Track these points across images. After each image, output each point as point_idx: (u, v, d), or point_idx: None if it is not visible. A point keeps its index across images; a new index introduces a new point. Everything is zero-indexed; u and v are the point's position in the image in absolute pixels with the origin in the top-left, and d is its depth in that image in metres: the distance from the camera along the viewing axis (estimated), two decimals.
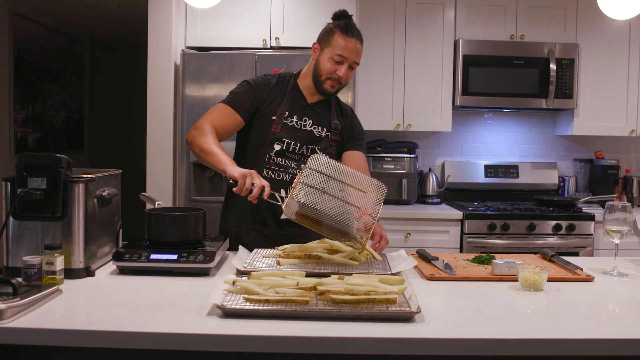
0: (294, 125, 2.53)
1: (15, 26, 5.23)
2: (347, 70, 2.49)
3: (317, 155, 2.18)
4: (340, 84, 2.52)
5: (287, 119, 2.52)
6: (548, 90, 4.26)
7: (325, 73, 2.49)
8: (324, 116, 2.59)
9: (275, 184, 2.45)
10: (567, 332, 1.57)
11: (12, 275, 1.80)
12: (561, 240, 4.01)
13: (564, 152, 4.84)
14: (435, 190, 4.53)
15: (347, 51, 2.45)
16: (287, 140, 2.51)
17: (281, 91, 2.56)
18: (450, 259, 2.30)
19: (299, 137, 2.52)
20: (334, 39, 2.47)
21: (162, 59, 3.94)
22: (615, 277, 2.13)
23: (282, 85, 2.58)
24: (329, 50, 2.48)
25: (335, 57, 2.46)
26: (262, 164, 2.51)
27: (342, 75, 2.48)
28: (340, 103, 2.70)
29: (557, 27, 4.36)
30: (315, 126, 2.56)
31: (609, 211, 2.16)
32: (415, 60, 4.34)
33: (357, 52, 2.48)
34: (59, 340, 1.47)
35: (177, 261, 1.97)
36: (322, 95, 2.56)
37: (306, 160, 2.46)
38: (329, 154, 2.52)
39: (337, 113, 2.63)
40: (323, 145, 2.55)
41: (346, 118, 2.66)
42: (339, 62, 2.46)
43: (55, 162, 1.91)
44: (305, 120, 2.55)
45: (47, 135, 5.93)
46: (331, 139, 2.58)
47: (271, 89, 2.56)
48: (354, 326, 1.51)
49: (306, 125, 2.55)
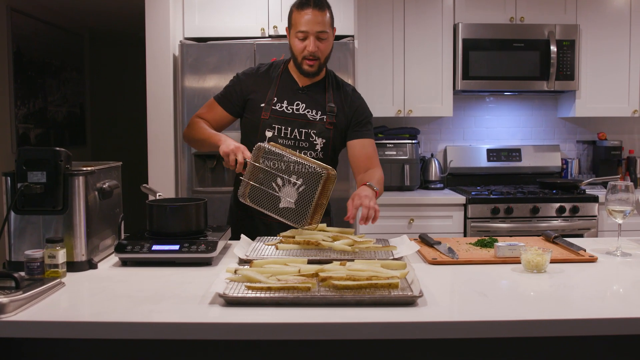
0: (284, 110, 2.49)
1: (14, 22, 5.22)
2: (317, 44, 2.41)
3: (258, 145, 2.25)
4: (318, 59, 2.44)
5: (275, 105, 2.49)
6: (549, 72, 4.24)
7: (297, 53, 2.45)
8: (318, 99, 2.53)
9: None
10: (571, 313, 1.56)
11: (15, 269, 1.81)
12: (565, 223, 4.00)
13: (567, 134, 4.82)
14: (437, 176, 4.52)
15: (305, 24, 2.38)
16: (278, 126, 2.48)
17: (270, 78, 2.54)
18: (453, 243, 2.30)
19: (289, 122, 2.48)
20: (292, 17, 2.44)
21: (161, 51, 3.93)
22: (619, 257, 2.13)
23: (272, 72, 2.56)
24: (292, 31, 2.45)
25: (298, 35, 2.41)
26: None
27: (312, 50, 2.40)
28: (340, 83, 2.62)
29: (557, 8, 4.33)
30: (309, 110, 2.51)
31: (612, 191, 2.16)
32: (415, 45, 4.32)
33: (316, 21, 2.39)
34: (62, 333, 1.48)
35: (179, 251, 1.97)
36: (307, 77, 2.50)
37: (300, 144, 2.48)
38: (325, 137, 2.50)
39: (335, 95, 2.56)
40: (318, 129, 2.50)
41: (346, 99, 2.57)
42: (304, 39, 2.41)
43: (54, 155, 1.90)
44: (298, 104, 2.50)
45: (48, 130, 5.93)
46: (327, 122, 2.51)
47: (258, 76, 2.55)
48: (357, 311, 1.51)
49: (299, 110, 2.50)
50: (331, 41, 2.48)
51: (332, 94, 2.55)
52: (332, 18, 2.47)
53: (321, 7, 2.41)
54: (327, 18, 2.42)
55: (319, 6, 2.40)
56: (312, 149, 2.50)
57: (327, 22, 2.43)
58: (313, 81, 2.54)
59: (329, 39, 2.46)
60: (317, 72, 2.49)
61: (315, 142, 2.50)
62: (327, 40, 2.44)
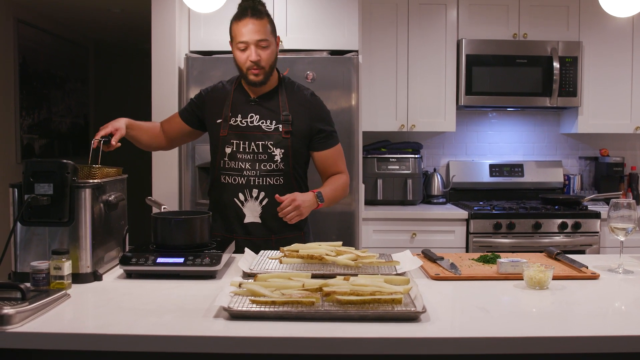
0: (238, 124, 2.49)
1: (20, 33, 5.26)
2: (258, 52, 2.40)
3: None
4: (262, 67, 2.43)
5: (231, 120, 2.50)
6: (552, 88, 4.26)
7: (241, 65, 2.45)
8: (271, 108, 2.51)
9: (232, 188, 2.50)
10: (573, 330, 1.57)
11: (21, 280, 1.82)
12: (567, 239, 4.01)
13: (569, 150, 4.83)
14: (440, 190, 4.53)
15: (243, 35, 2.39)
16: (236, 141, 2.49)
17: (225, 93, 2.57)
18: (456, 258, 2.31)
19: (246, 136, 2.48)
20: (232, 30, 2.46)
21: (166, 64, 3.96)
22: (621, 274, 2.13)
23: (227, 87, 2.59)
24: (233, 43, 2.47)
25: (239, 46, 2.42)
26: (219, 170, 2.54)
27: (254, 59, 2.40)
28: (297, 88, 2.59)
29: (560, 25, 4.36)
30: (263, 120, 2.49)
31: (614, 208, 2.16)
32: (419, 60, 4.34)
33: (254, 30, 2.39)
34: (67, 344, 1.49)
35: (183, 264, 1.99)
36: (255, 86, 2.49)
37: (259, 157, 2.49)
38: (284, 147, 2.48)
39: (290, 101, 2.52)
40: (275, 140, 2.48)
41: (304, 104, 2.54)
42: (244, 49, 2.41)
43: (61, 167, 1.92)
44: (252, 116, 2.50)
45: (52, 141, 5.96)
46: (283, 131, 2.48)
47: (214, 92, 2.60)
48: (360, 326, 1.52)
49: (253, 122, 2.49)
50: (274, 49, 2.47)
51: (286, 101, 2.52)
52: (272, 24, 2.47)
53: (259, 16, 2.40)
54: (266, 25, 2.42)
55: (256, 15, 2.40)
56: (272, 161, 2.49)
57: (267, 30, 2.43)
58: (265, 91, 2.53)
59: (271, 47, 2.45)
60: (264, 81, 2.47)
61: (274, 154, 2.49)
62: (268, 48, 2.43)
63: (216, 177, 2.56)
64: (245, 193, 2.49)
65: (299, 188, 2.55)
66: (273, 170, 2.49)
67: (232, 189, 2.51)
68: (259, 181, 2.48)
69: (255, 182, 2.48)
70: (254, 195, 2.49)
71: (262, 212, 2.50)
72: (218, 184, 2.56)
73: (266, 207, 2.49)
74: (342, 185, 2.58)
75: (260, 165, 2.49)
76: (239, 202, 2.50)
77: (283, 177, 2.51)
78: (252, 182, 2.48)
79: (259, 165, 2.48)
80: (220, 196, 2.56)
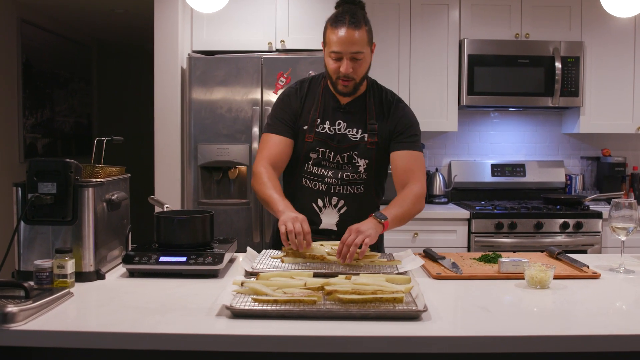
0: (326, 132, 2.38)
1: (24, 33, 5.28)
2: (351, 65, 2.25)
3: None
4: (353, 79, 2.29)
5: (319, 127, 2.38)
6: (554, 88, 4.26)
7: (331, 73, 2.32)
8: (359, 117, 2.39)
9: (312, 193, 2.42)
10: (573, 329, 1.58)
11: (24, 279, 1.83)
12: (569, 239, 4.01)
13: (571, 150, 4.84)
14: (442, 190, 4.54)
15: (339, 44, 2.23)
16: (321, 149, 2.38)
17: (313, 97, 2.42)
18: (457, 258, 2.31)
19: (332, 145, 2.37)
20: (327, 35, 2.29)
21: (169, 64, 3.97)
22: (622, 274, 2.14)
23: (314, 90, 2.44)
24: (326, 49, 2.31)
25: (332, 55, 2.27)
26: (301, 172, 2.43)
27: (346, 72, 2.26)
28: (383, 95, 2.45)
29: (562, 25, 4.36)
30: (350, 129, 2.38)
31: (615, 208, 2.17)
32: (421, 60, 4.35)
33: (351, 41, 2.22)
34: (71, 342, 1.49)
35: (186, 263, 1.99)
36: (344, 96, 2.37)
37: (342, 167, 2.38)
38: (368, 157, 2.38)
39: (377, 109, 2.41)
40: (360, 150, 2.37)
41: (388, 112, 2.41)
42: (337, 59, 2.27)
43: (65, 167, 1.93)
44: (340, 123, 2.39)
45: (56, 140, 5.98)
46: (368, 141, 2.38)
47: (302, 98, 2.43)
48: (362, 325, 1.53)
49: (340, 129, 2.38)
50: (368, 60, 2.32)
51: (374, 109, 2.41)
52: (370, 33, 2.30)
53: (357, 25, 2.22)
54: (364, 36, 2.24)
55: (354, 24, 2.22)
56: (355, 172, 2.40)
57: (364, 41, 2.25)
58: (353, 97, 2.40)
59: (366, 58, 2.29)
60: (353, 92, 2.35)
61: (358, 164, 2.39)
62: (363, 60, 2.28)
63: (297, 179, 2.45)
64: (324, 200, 2.40)
65: (377, 196, 2.47)
66: (355, 179, 2.40)
67: (311, 194, 2.42)
68: (340, 189, 2.39)
69: (335, 190, 2.39)
70: (332, 203, 2.40)
71: (339, 220, 2.42)
72: (299, 186, 2.45)
73: (343, 215, 2.41)
74: (412, 198, 2.31)
75: (343, 175, 2.39)
76: (317, 208, 2.41)
77: (364, 186, 2.42)
78: (333, 189, 2.39)
79: (342, 174, 2.39)
80: (299, 198, 2.43)
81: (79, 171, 1.97)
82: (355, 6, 2.33)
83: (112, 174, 2.16)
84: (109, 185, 2.09)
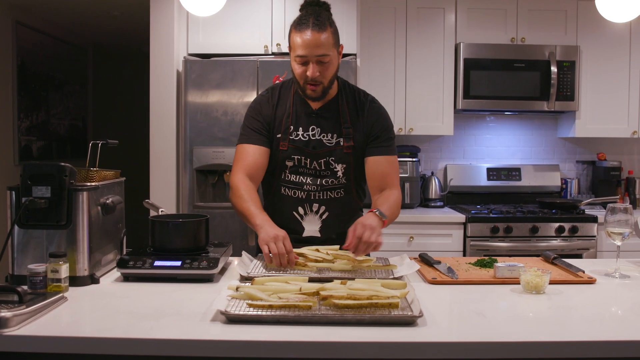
0: (300, 139, 2.34)
1: (19, 35, 5.27)
2: (317, 68, 2.20)
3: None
4: (321, 83, 2.25)
5: (292, 134, 2.34)
6: (549, 92, 4.27)
7: (298, 78, 2.27)
8: (332, 121, 2.35)
9: (292, 201, 2.39)
10: (569, 335, 1.57)
11: (18, 283, 1.82)
12: (564, 243, 4.01)
13: (566, 154, 4.84)
14: (438, 194, 4.54)
15: (304, 48, 2.17)
16: (297, 156, 2.34)
17: (285, 104, 2.37)
18: (453, 262, 2.31)
19: (308, 152, 2.34)
20: (291, 39, 2.24)
21: (164, 66, 3.96)
22: (617, 279, 2.14)
23: (285, 97, 2.39)
24: (292, 53, 2.25)
25: (297, 59, 2.22)
26: (279, 181, 2.39)
27: (312, 76, 2.21)
28: (356, 96, 2.40)
29: (558, 29, 4.37)
30: (325, 134, 2.34)
31: (611, 213, 2.17)
32: (417, 64, 4.35)
33: (315, 44, 2.16)
34: (64, 348, 1.48)
35: (180, 268, 1.99)
36: (313, 100, 2.33)
37: (320, 173, 2.36)
38: (345, 162, 2.35)
39: (350, 112, 2.36)
40: (337, 155, 2.34)
41: (362, 114, 2.37)
42: (303, 63, 2.22)
43: (59, 170, 1.92)
44: (314, 129, 2.35)
45: (50, 143, 5.96)
46: (344, 146, 2.34)
47: (274, 106, 2.38)
48: (357, 331, 1.52)
49: (315, 135, 2.34)
50: (335, 62, 2.27)
51: (347, 112, 2.37)
52: (335, 35, 2.25)
53: (321, 27, 2.18)
54: (329, 38, 2.20)
55: (318, 26, 2.17)
56: (334, 177, 2.36)
57: (330, 43, 2.21)
58: (325, 101, 2.36)
59: (332, 61, 2.25)
60: (322, 96, 2.31)
61: (336, 169, 2.36)
62: (329, 62, 2.23)
63: (275, 188, 2.41)
64: (305, 207, 2.37)
65: (359, 198, 2.46)
66: (334, 184, 2.37)
67: (291, 202, 2.38)
68: (320, 195, 2.36)
69: (315, 196, 2.36)
70: (314, 210, 2.38)
71: (322, 226, 2.39)
72: (278, 195, 2.41)
73: (326, 221, 2.39)
74: (395, 200, 2.34)
75: (322, 181, 2.36)
76: (298, 216, 2.38)
77: (344, 190, 2.39)
78: (313, 196, 2.36)
79: (321, 180, 2.36)
80: (278, 207, 2.42)
81: (74, 175, 1.96)
82: (319, 8, 2.28)
83: (107, 177, 2.15)
84: (103, 189, 2.08)
